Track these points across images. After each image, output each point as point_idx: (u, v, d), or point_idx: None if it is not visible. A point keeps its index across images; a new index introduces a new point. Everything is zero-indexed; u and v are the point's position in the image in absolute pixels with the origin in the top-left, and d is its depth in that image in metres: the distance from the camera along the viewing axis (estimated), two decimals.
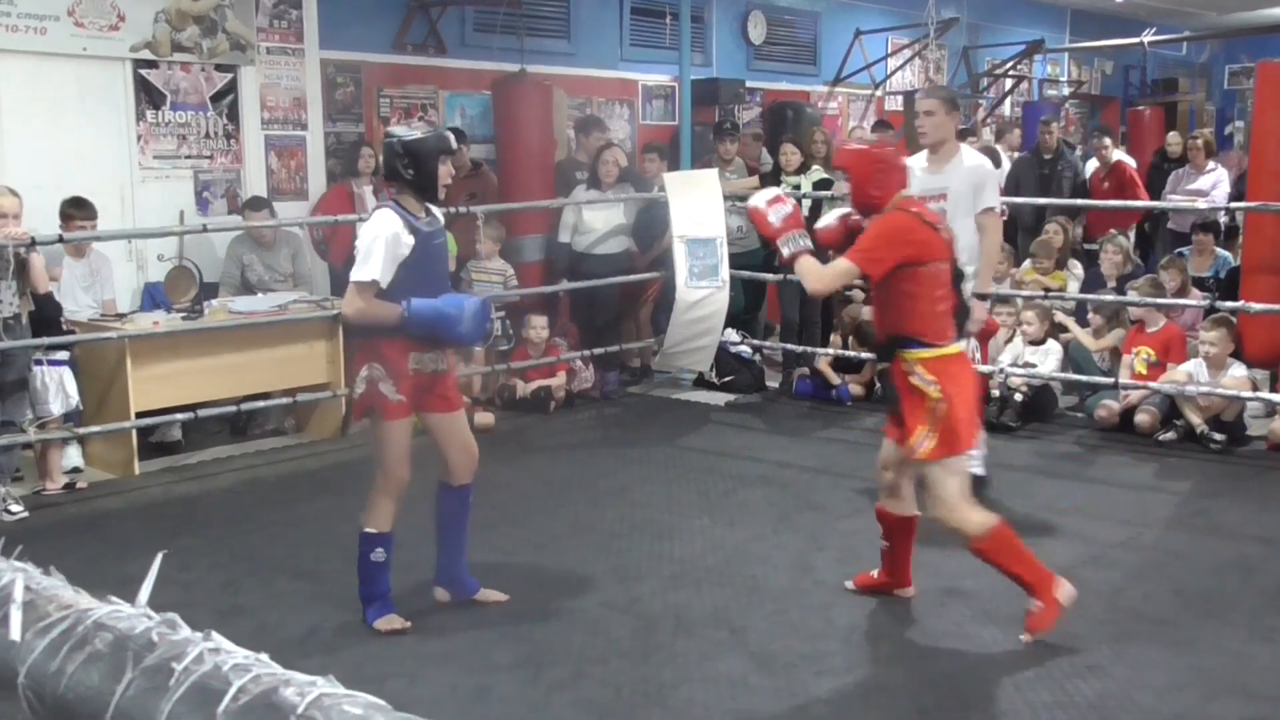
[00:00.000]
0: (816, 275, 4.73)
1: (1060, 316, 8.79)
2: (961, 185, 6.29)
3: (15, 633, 1.01)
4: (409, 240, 4.57)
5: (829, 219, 5.15)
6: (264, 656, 0.94)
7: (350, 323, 4.83)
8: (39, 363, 6.65)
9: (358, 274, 4.52)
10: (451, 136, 4.85)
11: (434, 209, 4.84)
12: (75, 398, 6.85)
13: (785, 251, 4.71)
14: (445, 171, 4.74)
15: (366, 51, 9.62)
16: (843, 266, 4.64)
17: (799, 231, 4.70)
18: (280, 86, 9.06)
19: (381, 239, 4.51)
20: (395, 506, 4.74)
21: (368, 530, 4.74)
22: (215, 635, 0.97)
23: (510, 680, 4.33)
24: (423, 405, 4.75)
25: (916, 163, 6.35)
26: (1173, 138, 12.72)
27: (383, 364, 4.61)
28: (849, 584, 5.22)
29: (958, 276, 4.90)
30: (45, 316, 6.69)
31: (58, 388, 6.75)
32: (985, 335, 8.48)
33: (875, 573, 5.16)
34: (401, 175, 4.66)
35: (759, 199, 4.84)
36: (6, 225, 6.32)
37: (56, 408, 6.75)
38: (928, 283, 4.59)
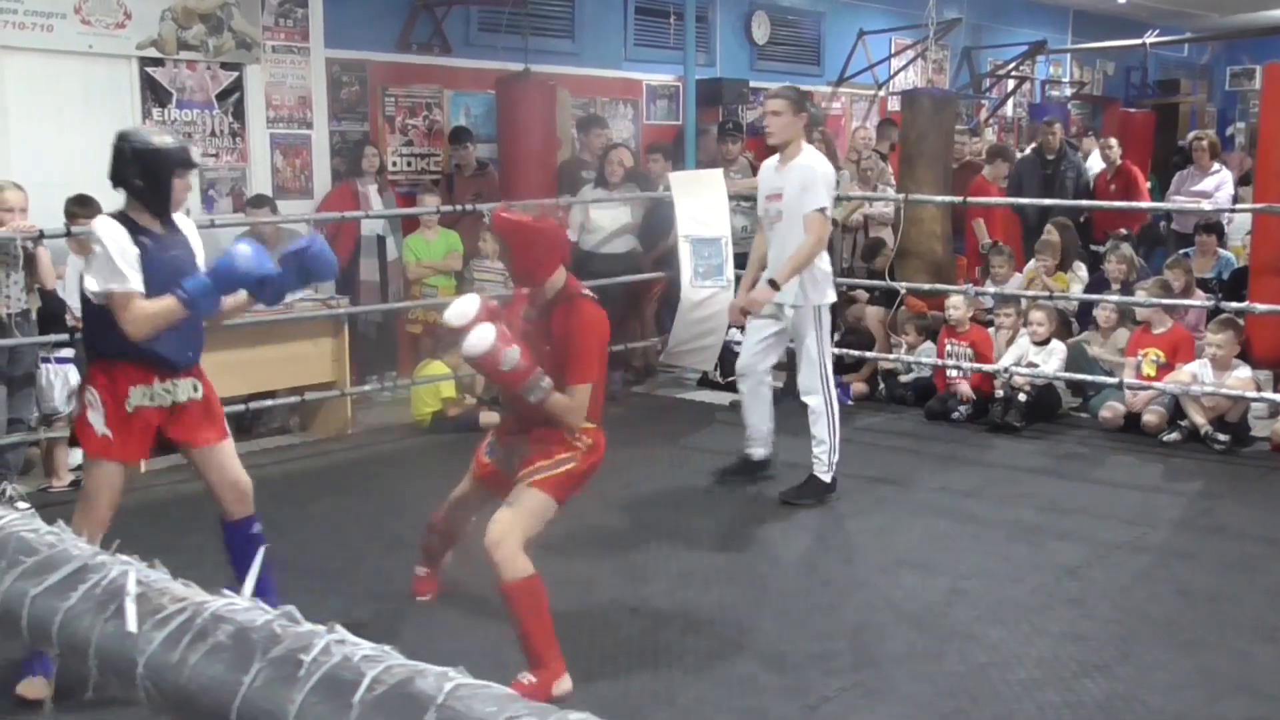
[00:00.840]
0: (573, 410, 4.28)
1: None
2: (793, 186, 6.35)
3: (132, 624, 1.02)
4: (134, 251, 4.07)
5: (463, 312, 4.24)
6: (390, 649, 0.94)
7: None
8: (45, 360, 6.66)
9: (115, 292, 4.00)
10: (193, 151, 4.21)
11: (180, 217, 4.40)
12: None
13: (533, 399, 4.18)
14: (182, 186, 4.29)
15: (371, 50, 9.63)
16: (585, 392, 4.28)
17: (537, 370, 4.18)
18: (285, 85, 9.07)
19: (110, 247, 4.03)
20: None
21: None
22: (339, 628, 0.97)
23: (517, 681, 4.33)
24: (175, 438, 4.31)
25: (770, 163, 6.58)
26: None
27: (96, 389, 4.12)
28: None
29: None
30: (50, 313, 6.71)
31: (64, 385, 6.76)
32: (973, 338, 8.51)
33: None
34: (129, 183, 4.17)
35: (478, 343, 4.07)
36: (13, 219, 6.33)
37: (63, 405, 6.76)
38: None
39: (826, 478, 6.45)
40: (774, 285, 6.33)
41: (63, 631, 1.07)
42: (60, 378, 6.78)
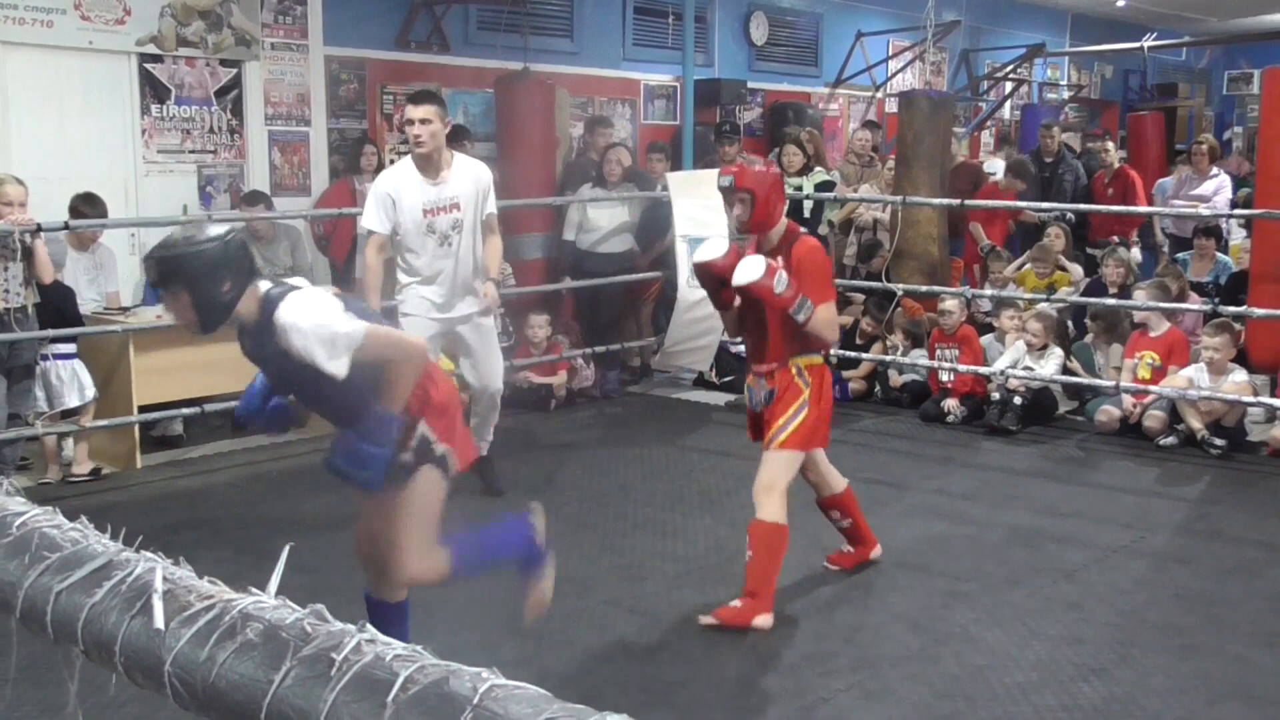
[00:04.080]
0: (832, 327, 4.97)
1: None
2: (470, 193, 6.10)
3: (159, 621, 1.02)
4: None
5: (716, 250, 4.88)
6: (421, 648, 0.94)
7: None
8: (45, 358, 6.67)
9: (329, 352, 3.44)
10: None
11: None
12: (92, 390, 6.88)
13: (801, 317, 4.73)
14: None
15: (370, 48, 9.63)
16: (832, 308, 4.92)
17: (801, 293, 4.72)
18: (284, 82, 9.06)
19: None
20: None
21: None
22: (369, 627, 0.97)
23: (515, 677, 4.31)
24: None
25: (410, 176, 6.05)
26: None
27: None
28: (828, 563, 5.51)
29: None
30: (57, 305, 6.73)
31: (72, 379, 6.78)
32: (964, 338, 8.51)
33: (845, 549, 5.53)
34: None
35: (752, 271, 4.66)
36: (12, 213, 6.32)
37: (74, 400, 6.79)
38: None
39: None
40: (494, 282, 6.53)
41: (88, 628, 1.07)
42: (69, 373, 6.79)
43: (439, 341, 6.26)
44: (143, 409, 7.12)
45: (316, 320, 3.38)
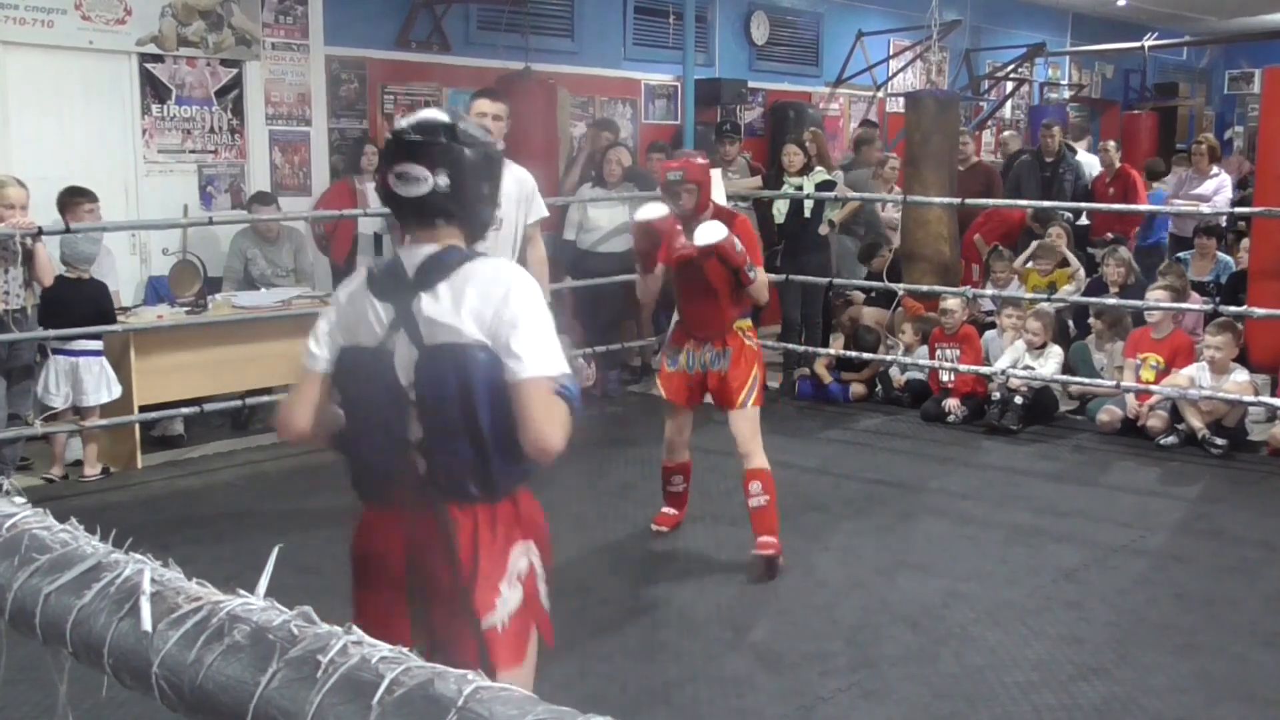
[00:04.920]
0: (765, 285, 5.61)
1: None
2: (512, 195, 5.89)
3: (147, 623, 1.02)
4: None
5: (656, 212, 5.36)
6: (408, 650, 0.94)
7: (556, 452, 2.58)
8: (71, 354, 6.74)
9: (549, 364, 2.56)
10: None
11: None
12: (118, 387, 6.92)
13: (752, 275, 5.34)
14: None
15: (371, 48, 9.63)
16: (763, 272, 5.53)
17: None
18: (285, 82, 9.07)
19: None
20: None
21: None
22: (356, 629, 0.97)
23: None
24: None
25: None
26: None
27: (539, 540, 2.80)
28: (656, 526, 6.01)
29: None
30: (95, 300, 6.88)
31: (100, 376, 6.82)
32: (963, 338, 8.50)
33: (669, 511, 6.06)
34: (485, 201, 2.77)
35: (717, 232, 5.21)
36: (14, 215, 6.33)
37: (104, 396, 6.85)
38: None
39: None
40: None
41: (76, 630, 1.07)
42: (98, 368, 6.86)
43: None
44: (143, 409, 7.12)
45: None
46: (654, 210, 5.33)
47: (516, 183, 6.16)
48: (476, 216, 2.70)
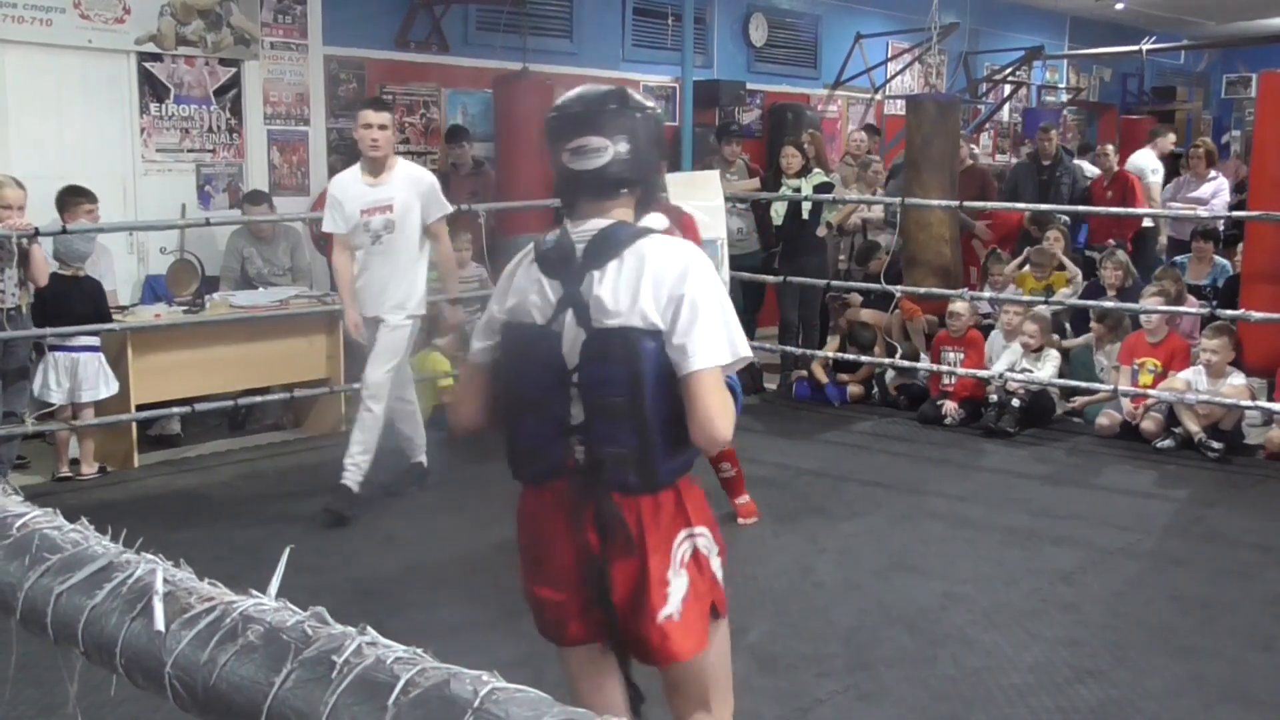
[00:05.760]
0: None
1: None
2: (405, 196, 6.22)
3: (159, 623, 1.02)
4: None
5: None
6: (421, 651, 0.94)
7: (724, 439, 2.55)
8: (69, 350, 6.73)
9: (721, 353, 2.49)
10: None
11: None
12: (116, 383, 6.93)
13: None
14: None
15: (369, 48, 9.63)
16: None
17: None
18: (283, 81, 9.07)
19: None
20: None
21: None
22: (370, 630, 0.97)
23: (513, 679, 4.31)
24: None
25: (353, 177, 6.31)
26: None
27: (706, 523, 2.71)
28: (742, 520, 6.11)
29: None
30: (93, 298, 6.89)
31: (99, 372, 6.83)
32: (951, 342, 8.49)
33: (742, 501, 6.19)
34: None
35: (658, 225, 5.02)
36: (11, 216, 6.33)
37: (103, 391, 6.87)
38: None
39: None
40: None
41: (88, 630, 1.08)
42: (96, 364, 6.87)
43: (373, 337, 6.35)
44: (140, 407, 7.12)
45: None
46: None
47: (413, 182, 6.28)
48: (653, 182, 2.67)
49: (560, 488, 2.55)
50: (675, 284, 2.45)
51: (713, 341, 2.44)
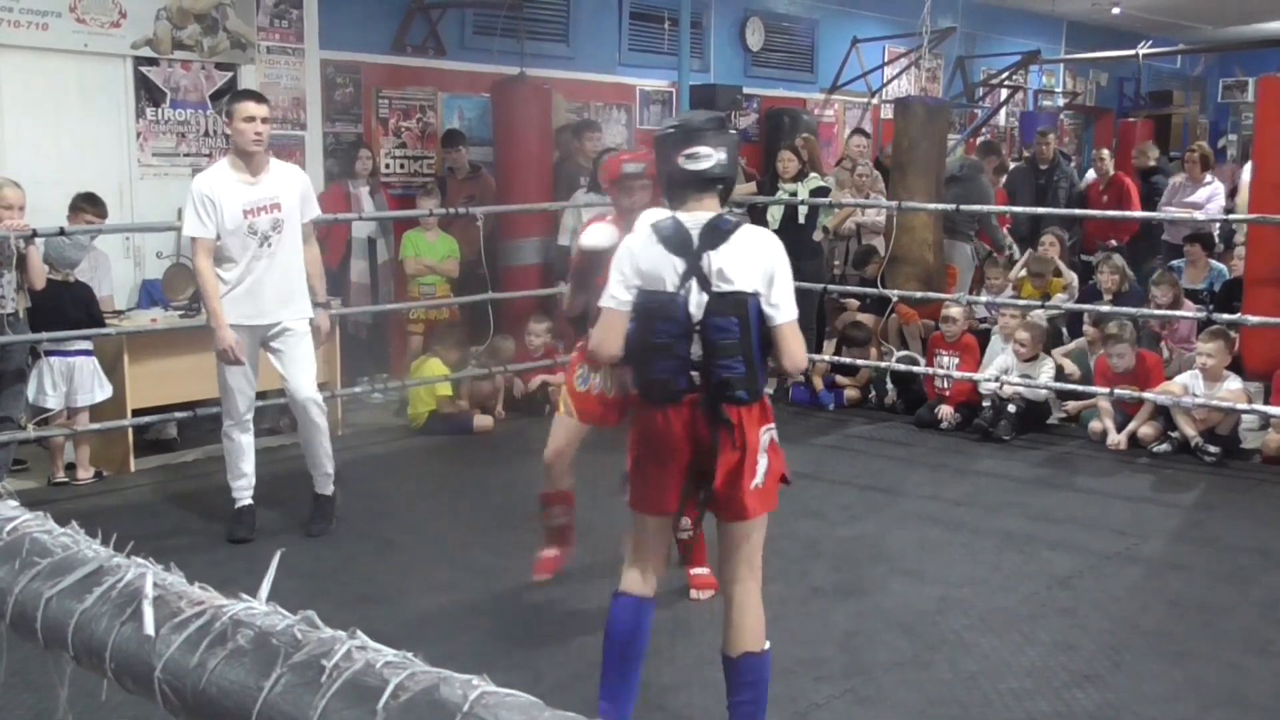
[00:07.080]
0: None
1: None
2: (290, 194, 5.94)
3: (149, 627, 1.01)
4: None
5: (606, 238, 4.79)
6: (411, 655, 0.94)
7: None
8: (64, 354, 6.73)
9: (795, 309, 3.59)
10: None
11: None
12: (109, 387, 6.93)
13: None
14: None
15: (366, 52, 9.63)
16: None
17: None
18: (280, 86, 9.06)
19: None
20: None
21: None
22: (360, 634, 0.97)
23: (510, 682, 4.26)
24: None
25: (224, 175, 5.86)
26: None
27: (773, 420, 3.71)
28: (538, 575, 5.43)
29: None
30: (86, 303, 6.89)
31: (93, 376, 6.83)
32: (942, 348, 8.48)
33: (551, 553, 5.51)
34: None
35: (600, 236, 4.82)
36: (11, 217, 6.32)
37: (98, 395, 6.89)
38: None
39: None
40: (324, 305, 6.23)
41: (78, 634, 1.07)
42: (90, 369, 6.88)
43: (255, 351, 6.02)
44: (136, 412, 7.11)
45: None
46: (603, 236, 4.80)
47: (293, 179, 6.09)
48: (733, 183, 3.72)
49: (681, 406, 3.49)
50: (769, 261, 3.47)
51: (792, 302, 3.51)
